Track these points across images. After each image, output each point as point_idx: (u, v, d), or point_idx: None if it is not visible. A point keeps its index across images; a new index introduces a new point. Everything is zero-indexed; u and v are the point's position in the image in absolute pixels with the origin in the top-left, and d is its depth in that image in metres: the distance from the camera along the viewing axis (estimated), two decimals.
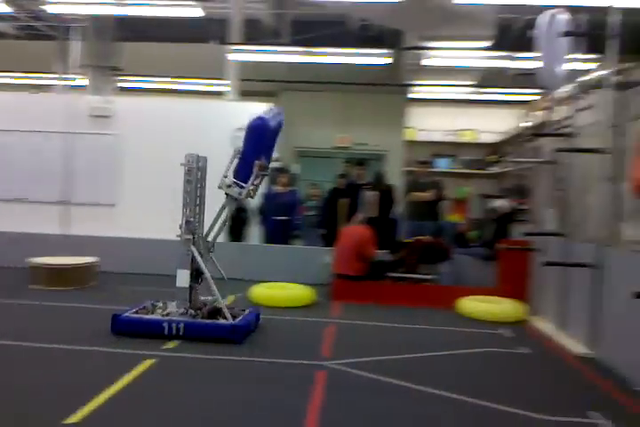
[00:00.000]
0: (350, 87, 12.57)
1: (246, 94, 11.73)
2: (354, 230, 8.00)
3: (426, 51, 9.23)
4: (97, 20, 10.28)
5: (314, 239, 9.56)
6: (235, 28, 10.32)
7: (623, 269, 4.99)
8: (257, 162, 5.65)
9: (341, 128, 13.40)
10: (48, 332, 5.43)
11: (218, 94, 11.79)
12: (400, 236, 9.55)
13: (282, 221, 9.44)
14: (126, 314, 5.43)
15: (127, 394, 3.90)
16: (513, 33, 9.04)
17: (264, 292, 7.23)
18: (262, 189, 9.93)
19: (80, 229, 9.04)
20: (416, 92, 12.64)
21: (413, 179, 9.78)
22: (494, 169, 13.10)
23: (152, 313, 5.57)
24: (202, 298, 5.72)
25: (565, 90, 6.61)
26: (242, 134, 5.88)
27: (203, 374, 4.42)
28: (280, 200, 9.51)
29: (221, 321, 5.40)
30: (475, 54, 9.15)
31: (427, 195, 9.19)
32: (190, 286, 5.55)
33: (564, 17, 5.71)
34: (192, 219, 5.59)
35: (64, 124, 9.65)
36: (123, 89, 12.70)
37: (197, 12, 8.47)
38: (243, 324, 5.41)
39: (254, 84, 12.48)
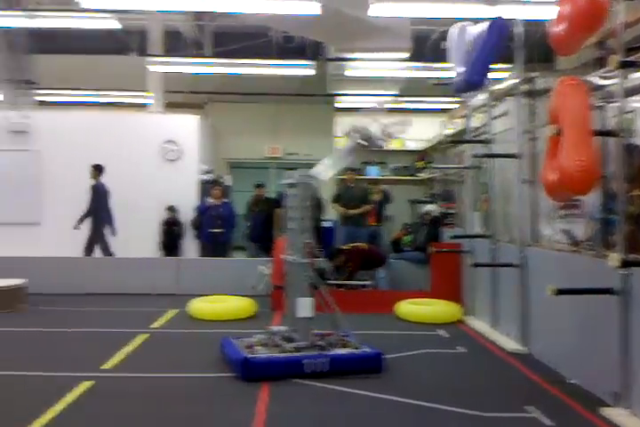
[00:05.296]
0: (278, 98, 12.64)
1: (172, 106, 11.59)
2: None
3: (348, 62, 9.42)
4: (8, 32, 9.89)
5: (256, 251, 9.57)
6: (154, 40, 10.20)
7: (543, 267, 5.28)
8: None
9: (271, 138, 13.44)
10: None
11: (142, 106, 11.58)
12: (336, 242, 9.69)
13: (217, 234, 9.40)
14: (252, 356, 4.69)
15: None
16: (430, 44, 9.39)
17: (204, 306, 7.14)
18: (195, 202, 9.92)
19: (5, 250, 8.53)
20: (342, 102, 12.86)
21: (343, 186, 9.98)
22: (423, 175, 13.49)
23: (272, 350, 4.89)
24: (275, 328, 5.18)
25: (480, 98, 6.94)
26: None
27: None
28: (214, 212, 9.47)
29: (359, 351, 4.93)
30: (395, 65, 9.42)
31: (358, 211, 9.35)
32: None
33: (474, 29, 5.97)
34: (310, 240, 4.98)
35: None
36: (43, 103, 12.25)
37: (113, 24, 8.29)
38: (380, 351, 4.96)
39: (180, 95, 12.35)
